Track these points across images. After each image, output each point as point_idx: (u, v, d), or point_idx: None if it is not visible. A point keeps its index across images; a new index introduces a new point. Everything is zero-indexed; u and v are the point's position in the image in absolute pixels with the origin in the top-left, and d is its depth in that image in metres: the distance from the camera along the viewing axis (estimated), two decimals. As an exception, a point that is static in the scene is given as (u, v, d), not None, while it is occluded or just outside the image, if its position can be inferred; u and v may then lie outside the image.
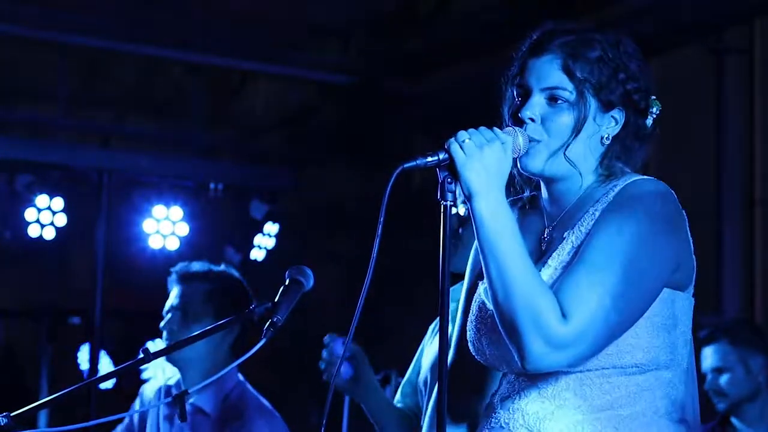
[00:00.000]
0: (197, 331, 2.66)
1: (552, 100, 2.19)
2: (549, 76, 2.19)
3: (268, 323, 2.31)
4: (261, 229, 6.90)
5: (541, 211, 2.30)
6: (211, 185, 6.82)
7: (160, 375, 4.00)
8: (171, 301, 3.75)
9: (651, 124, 2.25)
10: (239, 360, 2.33)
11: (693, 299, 2.21)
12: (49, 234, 6.42)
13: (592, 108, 2.18)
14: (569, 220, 2.21)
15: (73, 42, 7.13)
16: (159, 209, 6.57)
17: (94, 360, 6.62)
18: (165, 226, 6.58)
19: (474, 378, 2.36)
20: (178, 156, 7.75)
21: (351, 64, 7.48)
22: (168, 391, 3.79)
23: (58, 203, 6.41)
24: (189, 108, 7.83)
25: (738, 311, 6.00)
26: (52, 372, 7.48)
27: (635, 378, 2.13)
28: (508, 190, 2.22)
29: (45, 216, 6.40)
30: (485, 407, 2.29)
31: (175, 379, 3.79)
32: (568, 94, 2.17)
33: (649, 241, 2.08)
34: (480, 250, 2.11)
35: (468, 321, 2.30)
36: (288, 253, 6.81)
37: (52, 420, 6.69)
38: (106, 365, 7.21)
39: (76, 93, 7.68)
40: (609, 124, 2.20)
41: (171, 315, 3.72)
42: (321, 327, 3.13)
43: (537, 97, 2.20)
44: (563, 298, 2.04)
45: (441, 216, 2.09)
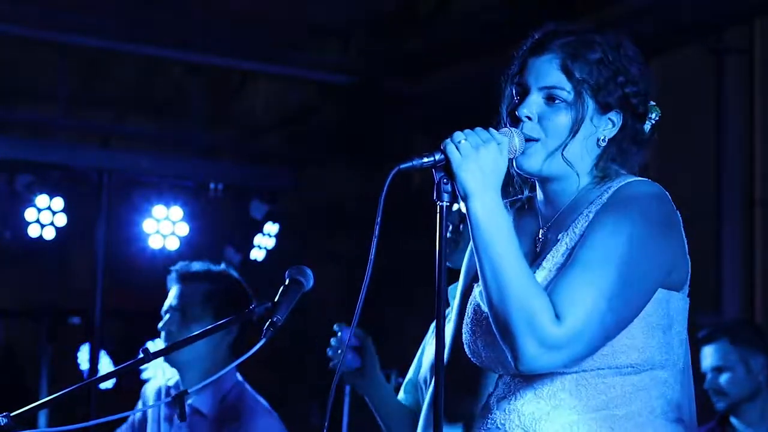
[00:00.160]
0: (196, 332, 2.65)
1: (550, 99, 2.19)
2: (547, 75, 2.18)
3: (268, 323, 2.31)
4: (261, 229, 6.90)
5: (537, 212, 2.30)
6: (211, 185, 6.81)
7: (160, 375, 3.99)
8: (170, 301, 3.74)
9: (649, 129, 2.25)
10: (238, 360, 2.33)
11: (688, 299, 2.21)
12: (49, 234, 6.42)
13: (589, 109, 2.18)
14: (564, 221, 2.21)
15: (73, 42, 7.13)
16: (159, 209, 6.57)
17: (94, 360, 6.61)
18: (165, 226, 6.58)
19: (470, 379, 2.37)
20: (178, 156, 7.74)
21: (351, 64, 7.48)
22: (168, 392, 3.78)
23: (58, 203, 6.41)
24: (189, 108, 7.82)
25: (738, 311, 5.99)
26: (52, 372, 7.47)
27: (631, 378, 2.13)
28: (506, 190, 2.23)
29: (45, 216, 6.39)
30: (481, 408, 2.29)
31: (175, 380, 3.77)
32: (565, 93, 2.17)
33: (644, 242, 2.08)
34: (475, 250, 2.11)
35: (463, 324, 2.31)
36: (288, 253, 6.81)
37: (52, 420, 6.69)
38: (106, 365, 7.21)
39: (76, 93, 7.68)
40: (606, 126, 2.20)
41: (170, 315, 3.72)
42: (321, 327, 3.13)
43: (535, 96, 2.19)
44: (557, 299, 2.04)
45: (437, 216, 2.09)
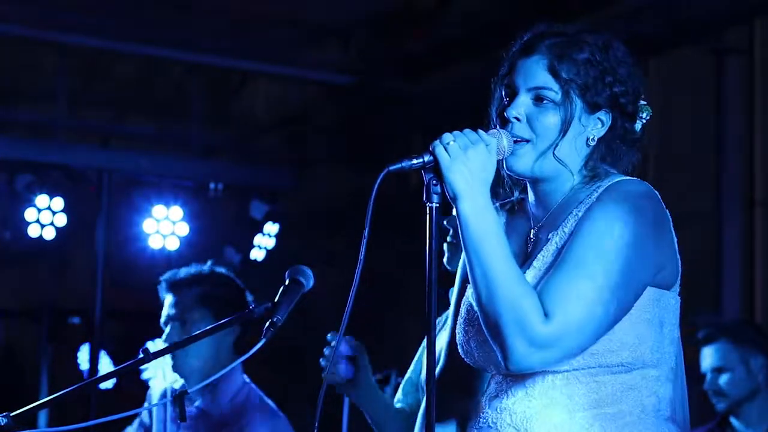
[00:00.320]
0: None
1: (538, 100, 2.20)
2: (535, 76, 2.20)
3: (268, 323, 2.31)
4: (261, 229, 6.90)
5: (528, 214, 2.31)
6: (211, 185, 6.82)
7: (160, 375, 3.99)
8: (167, 311, 3.72)
9: (640, 128, 2.26)
10: (239, 360, 2.33)
11: (679, 298, 2.22)
12: (49, 234, 6.42)
13: (577, 109, 2.19)
14: (554, 221, 2.22)
15: (73, 42, 7.13)
16: (159, 209, 6.57)
17: (94, 360, 6.62)
18: (165, 226, 6.58)
19: (464, 380, 2.37)
20: (178, 156, 7.74)
21: (351, 64, 7.48)
22: (173, 393, 3.77)
23: (58, 203, 6.41)
24: (189, 108, 7.83)
25: (738, 311, 5.99)
26: (52, 372, 7.47)
27: (621, 377, 2.14)
28: (497, 192, 2.24)
29: (45, 216, 6.39)
30: (474, 407, 2.30)
31: (181, 383, 3.77)
32: (553, 94, 2.18)
33: (633, 241, 2.08)
34: (465, 250, 2.12)
35: (457, 324, 2.32)
36: (288, 253, 6.81)
37: (52, 420, 6.69)
38: (106, 365, 7.21)
39: (76, 93, 7.68)
40: (595, 125, 2.21)
41: (170, 327, 3.69)
42: (321, 327, 3.12)
43: (523, 97, 2.21)
44: (546, 298, 2.05)
45: (427, 217, 2.10)
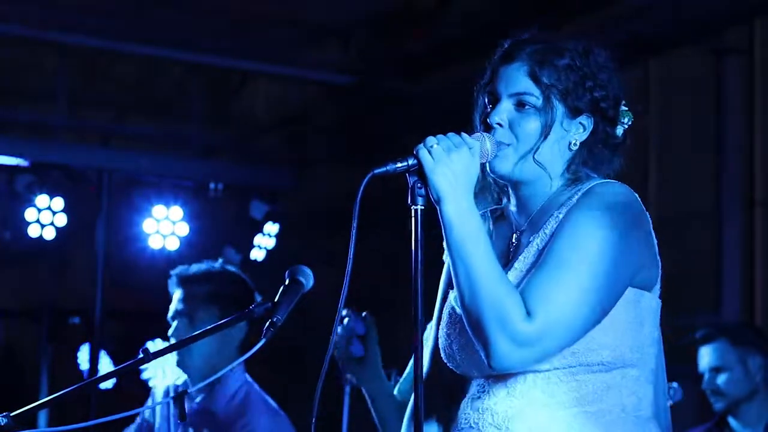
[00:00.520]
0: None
1: (520, 105, 2.23)
2: (517, 82, 2.24)
3: (268, 323, 2.32)
4: (261, 229, 6.90)
5: (510, 219, 2.34)
6: (211, 185, 6.82)
7: (160, 375, 3.99)
8: (174, 306, 3.73)
9: (622, 133, 2.29)
10: (238, 360, 2.34)
11: (660, 301, 2.24)
12: (49, 234, 6.42)
13: (559, 113, 2.22)
14: (536, 224, 2.25)
15: (73, 42, 7.13)
16: (159, 209, 6.57)
17: (94, 360, 6.62)
18: (165, 226, 6.58)
19: (448, 386, 2.39)
20: (178, 156, 7.74)
21: (351, 64, 7.48)
22: (175, 391, 3.78)
23: (58, 203, 6.41)
24: (189, 108, 7.83)
25: (738, 311, 5.99)
26: (52, 372, 7.48)
27: (602, 376, 2.16)
28: (483, 197, 2.28)
29: (45, 216, 6.40)
30: (457, 409, 2.32)
31: (184, 379, 3.77)
32: (534, 99, 2.22)
33: (612, 241, 2.11)
34: (448, 251, 2.15)
35: (440, 329, 2.35)
36: (288, 253, 6.81)
37: (52, 420, 6.70)
38: (106, 365, 7.22)
39: (76, 93, 7.68)
40: (577, 130, 2.24)
41: (177, 322, 3.70)
42: (321, 327, 3.13)
43: (505, 103, 2.24)
44: (528, 297, 2.08)
45: (412, 220, 2.12)
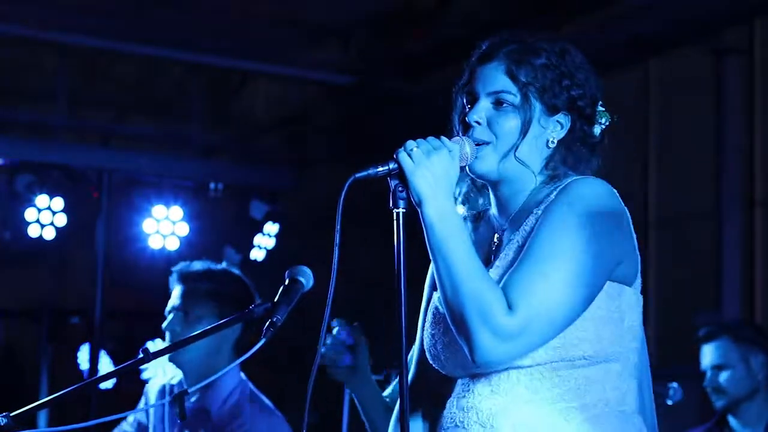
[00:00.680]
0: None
1: (498, 104, 2.26)
2: (494, 80, 2.27)
3: (267, 323, 2.32)
4: (261, 229, 6.90)
5: (492, 220, 2.36)
6: (211, 185, 6.82)
7: (160, 374, 3.99)
8: (173, 302, 3.74)
9: (599, 133, 2.31)
10: (238, 360, 2.34)
11: (641, 296, 2.26)
12: (49, 234, 6.42)
13: (536, 111, 2.25)
14: (516, 222, 2.27)
15: (73, 42, 7.13)
16: (159, 209, 6.57)
17: (94, 360, 6.62)
18: (165, 226, 6.58)
19: (434, 388, 2.41)
20: (178, 156, 7.74)
21: (351, 64, 7.48)
22: (171, 390, 3.78)
23: (58, 203, 6.41)
24: (189, 108, 7.83)
25: (738, 311, 5.99)
26: (52, 372, 7.48)
27: (584, 370, 2.18)
28: (465, 202, 2.32)
29: (45, 216, 6.40)
30: (443, 410, 2.33)
31: (178, 379, 3.77)
32: (512, 97, 2.24)
33: (591, 235, 2.13)
34: (430, 252, 2.17)
35: (424, 330, 2.37)
36: (288, 253, 6.81)
37: (52, 420, 6.70)
38: (106, 365, 7.22)
39: (76, 93, 7.68)
40: (555, 128, 2.27)
41: (173, 316, 3.71)
42: (321, 327, 3.13)
43: (483, 102, 2.27)
44: (509, 291, 2.10)
45: (394, 223, 2.15)
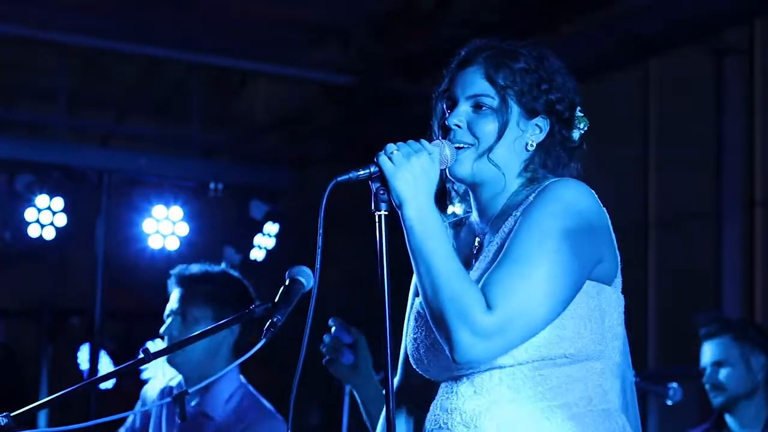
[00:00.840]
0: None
1: (477, 107, 2.28)
2: (473, 84, 2.29)
3: (268, 323, 2.32)
4: (261, 229, 6.90)
5: (473, 225, 2.38)
6: (211, 185, 6.82)
7: (160, 375, 3.99)
8: (171, 305, 3.73)
9: (578, 137, 2.33)
10: (238, 360, 2.34)
11: (622, 296, 2.28)
12: (49, 234, 6.42)
13: (515, 113, 2.27)
14: (496, 225, 2.29)
15: (73, 42, 7.13)
16: (159, 209, 6.57)
17: (94, 360, 6.62)
18: (165, 226, 6.58)
19: (419, 394, 2.42)
20: (178, 156, 7.75)
21: (351, 64, 7.48)
22: (170, 392, 3.78)
23: (58, 203, 6.41)
24: (189, 108, 7.83)
25: (738, 311, 5.99)
26: (52, 372, 7.48)
27: (565, 369, 2.19)
28: (443, 207, 2.33)
29: (45, 216, 6.40)
30: (428, 412, 2.34)
31: (178, 380, 3.77)
32: (491, 100, 2.27)
33: (569, 234, 2.15)
34: (410, 253, 2.18)
35: (408, 335, 2.38)
36: (288, 253, 6.81)
37: (52, 420, 6.70)
38: (106, 365, 7.22)
39: (76, 93, 7.69)
40: (533, 131, 2.29)
41: (171, 319, 3.71)
42: (321, 327, 3.13)
43: (463, 106, 2.30)
44: (488, 290, 2.11)
45: (377, 226, 2.17)
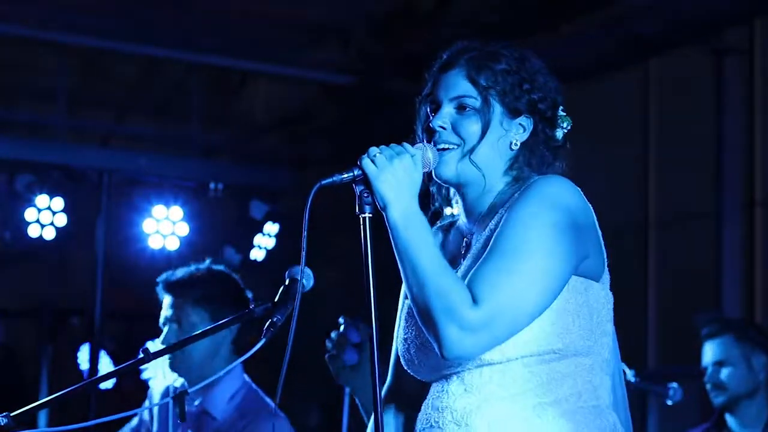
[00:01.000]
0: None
1: (460, 108, 2.31)
2: (456, 86, 2.32)
3: (268, 323, 2.32)
4: (261, 229, 6.90)
5: (461, 229, 2.40)
6: (211, 185, 6.82)
7: (160, 375, 3.99)
8: (164, 313, 3.72)
9: (562, 137, 2.35)
10: (238, 360, 2.34)
11: (611, 294, 2.29)
12: (49, 234, 6.43)
13: (497, 113, 2.29)
14: (482, 224, 2.30)
15: (73, 42, 7.13)
16: (159, 209, 6.58)
17: (94, 360, 6.62)
18: (165, 226, 6.58)
19: (410, 396, 2.43)
20: (178, 156, 7.75)
21: (351, 64, 7.48)
22: (174, 392, 3.77)
23: (58, 203, 6.42)
24: (189, 108, 7.83)
25: (738, 311, 5.99)
26: (52, 372, 7.48)
27: (554, 365, 2.20)
28: (427, 210, 2.33)
29: (45, 216, 6.40)
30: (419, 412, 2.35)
31: (181, 381, 3.77)
32: (473, 101, 2.29)
33: (554, 229, 2.16)
34: (396, 254, 2.20)
35: (398, 337, 2.40)
36: (288, 253, 6.81)
37: (52, 420, 6.70)
38: (106, 365, 7.22)
39: (76, 93, 7.69)
40: (517, 130, 2.31)
41: (167, 328, 3.70)
42: (320, 327, 3.13)
43: (447, 108, 2.32)
44: (474, 285, 2.13)
45: (361, 228, 2.19)
